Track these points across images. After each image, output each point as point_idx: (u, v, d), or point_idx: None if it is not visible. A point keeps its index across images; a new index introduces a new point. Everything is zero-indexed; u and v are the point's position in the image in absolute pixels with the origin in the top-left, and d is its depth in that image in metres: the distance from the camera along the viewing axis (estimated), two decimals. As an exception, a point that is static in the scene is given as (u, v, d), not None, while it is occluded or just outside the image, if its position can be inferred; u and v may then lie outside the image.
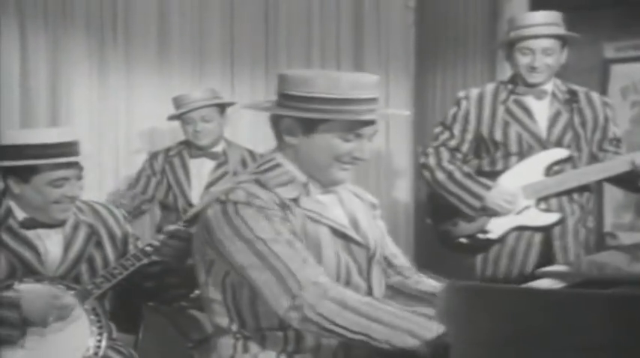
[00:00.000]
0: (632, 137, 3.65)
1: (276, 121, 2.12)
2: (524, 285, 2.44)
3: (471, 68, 4.78)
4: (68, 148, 2.64)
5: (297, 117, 2.06)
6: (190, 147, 3.97)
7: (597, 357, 1.43)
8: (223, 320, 2.09)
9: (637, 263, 2.42)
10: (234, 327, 2.08)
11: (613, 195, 4.37)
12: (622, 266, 2.30)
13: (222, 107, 3.98)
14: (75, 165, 2.66)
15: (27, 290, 2.55)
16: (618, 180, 3.40)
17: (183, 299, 2.92)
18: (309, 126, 2.06)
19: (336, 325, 1.90)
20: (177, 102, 3.91)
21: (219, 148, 3.97)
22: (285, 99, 2.09)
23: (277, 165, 2.11)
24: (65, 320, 2.55)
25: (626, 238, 4.27)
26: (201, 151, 3.95)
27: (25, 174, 2.61)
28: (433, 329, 1.85)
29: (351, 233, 2.13)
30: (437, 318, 1.88)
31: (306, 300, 1.91)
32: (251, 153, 4.03)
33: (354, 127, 2.05)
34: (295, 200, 2.07)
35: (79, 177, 2.68)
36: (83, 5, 4.25)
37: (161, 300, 2.89)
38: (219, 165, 3.96)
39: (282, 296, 1.93)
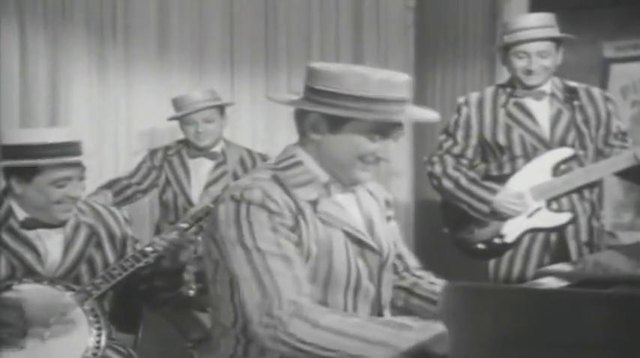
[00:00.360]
0: (632, 136, 3.63)
1: (301, 116, 2.06)
2: (524, 285, 2.44)
3: (471, 68, 4.77)
4: (70, 148, 2.64)
5: (325, 113, 2.00)
6: (189, 146, 3.95)
7: (597, 357, 1.43)
8: (227, 320, 2.05)
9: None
10: (237, 328, 2.05)
11: (613, 194, 4.37)
12: (626, 267, 2.29)
13: (222, 108, 3.97)
14: (77, 165, 2.65)
15: (27, 290, 2.55)
16: (625, 174, 3.39)
17: (173, 302, 2.91)
18: (336, 124, 2.00)
19: (307, 344, 1.86)
20: (179, 103, 3.90)
21: (217, 148, 3.96)
22: (312, 93, 2.02)
23: (298, 163, 2.06)
24: (66, 321, 2.56)
25: (626, 237, 4.27)
26: (201, 151, 3.94)
27: (28, 174, 2.61)
28: (410, 338, 1.83)
29: (367, 239, 2.09)
30: (433, 319, 1.86)
31: (280, 319, 1.87)
32: (249, 152, 4.03)
33: (382, 128, 2.00)
34: (313, 201, 2.02)
35: (82, 178, 2.67)
36: (83, 3, 4.25)
37: (155, 302, 2.89)
38: (217, 165, 3.94)
39: (259, 310, 1.90)
